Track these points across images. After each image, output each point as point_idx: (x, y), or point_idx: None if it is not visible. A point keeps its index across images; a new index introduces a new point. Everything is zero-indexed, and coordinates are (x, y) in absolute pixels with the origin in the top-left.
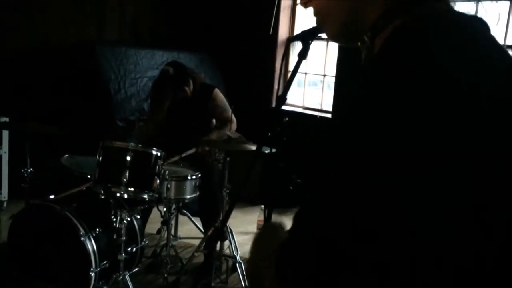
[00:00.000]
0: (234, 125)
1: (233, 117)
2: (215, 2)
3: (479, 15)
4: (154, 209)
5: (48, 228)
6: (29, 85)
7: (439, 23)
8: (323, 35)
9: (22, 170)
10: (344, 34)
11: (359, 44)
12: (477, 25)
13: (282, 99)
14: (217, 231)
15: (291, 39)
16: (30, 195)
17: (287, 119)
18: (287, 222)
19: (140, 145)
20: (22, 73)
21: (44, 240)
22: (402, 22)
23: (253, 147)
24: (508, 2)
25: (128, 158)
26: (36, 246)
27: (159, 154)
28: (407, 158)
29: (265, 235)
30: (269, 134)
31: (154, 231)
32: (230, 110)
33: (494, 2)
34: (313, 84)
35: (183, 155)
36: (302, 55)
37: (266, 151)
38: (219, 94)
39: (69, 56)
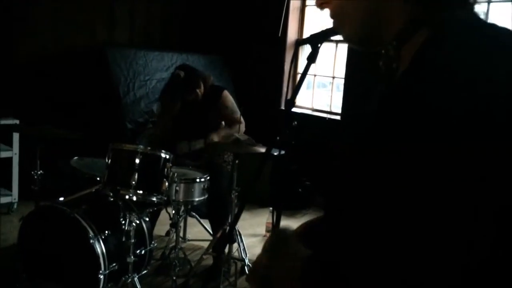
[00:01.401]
0: (242, 127)
1: (242, 119)
2: (224, 4)
3: (490, 16)
4: (163, 211)
5: (58, 230)
6: (40, 87)
7: (475, 34)
8: (333, 38)
9: (32, 172)
10: (362, 39)
11: (382, 51)
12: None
13: (291, 103)
14: (226, 234)
15: (300, 42)
16: (40, 197)
17: (296, 123)
18: (295, 225)
19: (149, 148)
20: (32, 75)
21: (54, 242)
22: (434, 32)
23: (262, 150)
24: None
25: (137, 160)
26: (46, 248)
27: (167, 156)
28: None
29: (279, 245)
30: (278, 137)
31: (163, 233)
32: (238, 112)
33: (508, 3)
34: (322, 85)
35: (192, 145)
36: (311, 58)
37: (275, 153)
38: (228, 96)
39: (79, 58)
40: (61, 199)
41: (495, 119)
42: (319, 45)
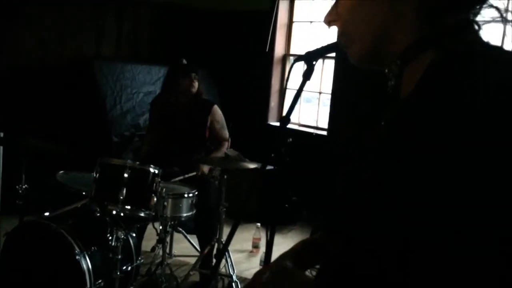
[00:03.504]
0: (228, 145)
1: (229, 137)
2: (212, 18)
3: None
4: (149, 226)
5: (43, 246)
6: (26, 100)
7: (486, 56)
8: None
9: (17, 186)
10: (369, 58)
11: (386, 70)
12: None
13: (286, 120)
14: (219, 253)
15: (296, 59)
16: (25, 212)
17: (290, 139)
18: (282, 240)
19: (137, 162)
20: (18, 88)
21: (38, 259)
22: (441, 55)
23: (251, 165)
24: None
25: (126, 175)
26: (30, 264)
27: (156, 171)
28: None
29: (280, 280)
30: (272, 155)
31: (148, 249)
32: (227, 129)
33: None
34: (307, 100)
35: (186, 176)
36: (307, 76)
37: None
38: (218, 111)
39: (66, 71)
40: (47, 214)
41: (504, 145)
42: (314, 62)
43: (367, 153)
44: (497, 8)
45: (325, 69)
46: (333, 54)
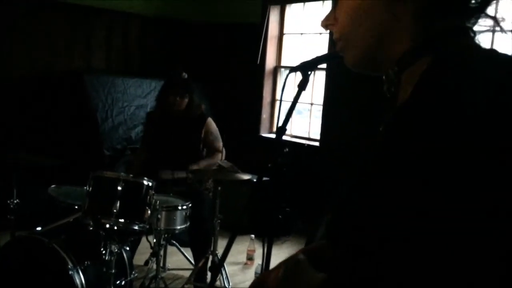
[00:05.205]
0: (223, 156)
1: (223, 149)
2: (203, 31)
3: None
4: (143, 239)
5: (35, 261)
6: (17, 114)
7: (482, 58)
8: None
9: (8, 201)
10: (366, 63)
11: (383, 77)
12: None
13: (282, 130)
14: (216, 268)
15: (292, 70)
16: (16, 227)
17: (287, 149)
18: (276, 252)
19: (131, 175)
20: (9, 101)
21: (31, 274)
22: (437, 59)
23: (244, 176)
24: None
25: (119, 188)
26: (23, 280)
27: (150, 184)
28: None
29: (296, 273)
30: (269, 165)
31: (141, 263)
32: (221, 141)
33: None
34: (298, 112)
35: (175, 176)
36: (302, 86)
37: (255, 179)
38: (212, 123)
39: (56, 84)
40: (39, 229)
41: (503, 145)
42: (309, 72)
43: (365, 159)
44: (493, 18)
45: (316, 80)
46: (324, 66)
